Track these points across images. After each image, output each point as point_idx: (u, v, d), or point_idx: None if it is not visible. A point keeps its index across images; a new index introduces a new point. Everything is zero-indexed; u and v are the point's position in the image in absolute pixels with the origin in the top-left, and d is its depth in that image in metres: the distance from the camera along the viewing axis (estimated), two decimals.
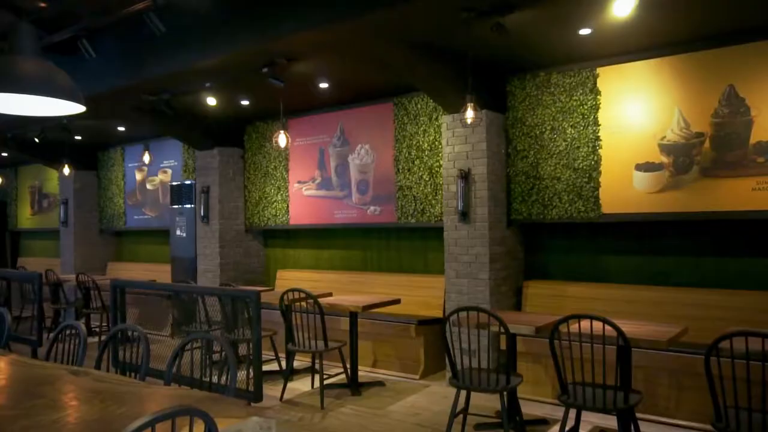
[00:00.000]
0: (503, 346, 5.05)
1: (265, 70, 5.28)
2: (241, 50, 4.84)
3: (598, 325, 3.46)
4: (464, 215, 5.61)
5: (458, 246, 5.69)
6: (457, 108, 5.62)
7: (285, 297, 5.35)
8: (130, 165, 9.80)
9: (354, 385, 5.57)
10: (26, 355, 4.49)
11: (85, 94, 3.24)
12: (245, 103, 6.85)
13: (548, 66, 5.53)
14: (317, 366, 6.09)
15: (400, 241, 6.97)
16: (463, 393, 4.30)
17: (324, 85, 6.08)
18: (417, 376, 6.05)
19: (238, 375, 3.72)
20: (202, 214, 7.85)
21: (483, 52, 5.13)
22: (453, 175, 5.71)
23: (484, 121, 5.53)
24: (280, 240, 8.14)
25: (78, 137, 9.18)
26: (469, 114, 4.75)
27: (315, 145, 7.36)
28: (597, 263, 5.66)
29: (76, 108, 3.10)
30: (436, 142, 6.26)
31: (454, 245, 5.71)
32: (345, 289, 7.05)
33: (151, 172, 9.42)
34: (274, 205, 7.73)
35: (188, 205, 8.18)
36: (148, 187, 9.48)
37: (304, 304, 5.32)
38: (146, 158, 7.03)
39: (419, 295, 6.56)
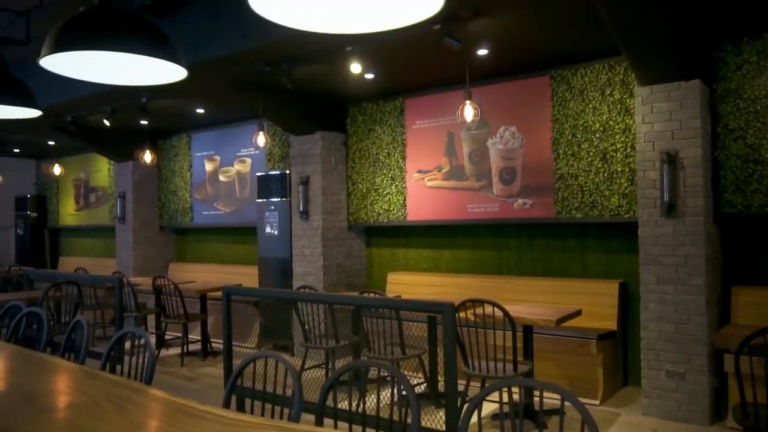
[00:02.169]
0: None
1: (437, 26, 4.24)
2: None
3: None
4: (671, 208, 4.59)
5: (659, 245, 4.66)
6: (658, 77, 4.61)
7: (462, 308, 4.35)
8: (197, 154, 8.76)
9: (533, 414, 4.58)
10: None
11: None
12: (356, 72, 5.53)
13: None
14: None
15: (548, 239, 5.95)
16: None
17: (482, 52, 5.04)
18: (597, 401, 5.03)
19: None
20: (300, 208, 6.82)
21: (693, 9, 4.14)
22: (652, 159, 4.69)
23: (697, 94, 4.51)
24: (387, 238, 7.11)
25: (143, 121, 8.14)
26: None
27: (441, 128, 6.33)
28: None
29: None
30: (611, 122, 5.23)
31: (654, 244, 4.69)
32: (479, 296, 6.04)
33: (225, 161, 8.38)
34: (386, 199, 6.69)
35: (280, 199, 7.14)
36: (222, 178, 8.43)
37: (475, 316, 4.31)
38: (261, 140, 5.93)
39: (578, 303, 5.52)
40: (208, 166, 8.60)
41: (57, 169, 8.86)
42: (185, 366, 6.68)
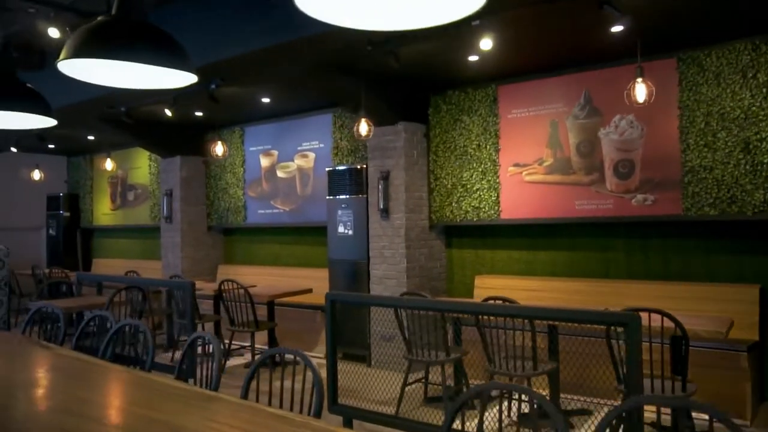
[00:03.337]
0: None
1: None
2: None
3: None
4: None
5: None
6: None
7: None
8: (251, 149, 8.20)
9: None
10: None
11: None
12: (486, 48, 4.77)
13: None
14: None
15: (664, 239, 5.39)
16: None
17: (618, 29, 4.48)
18: (747, 422, 4.48)
19: None
20: (380, 206, 6.26)
21: None
22: None
23: None
24: (470, 239, 6.55)
25: (199, 113, 7.59)
26: None
27: (542, 117, 5.77)
28: None
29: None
30: (755, 108, 4.67)
31: None
32: (585, 302, 5.50)
33: (284, 156, 7.82)
34: (476, 195, 6.13)
35: (354, 196, 6.58)
36: (280, 175, 7.87)
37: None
38: (363, 129, 5.30)
39: (704, 310, 4.97)
40: (264, 162, 8.04)
41: (109, 164, 8.29)
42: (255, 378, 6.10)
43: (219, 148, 6.88)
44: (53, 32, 4.72)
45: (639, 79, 4.06)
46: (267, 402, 2.73)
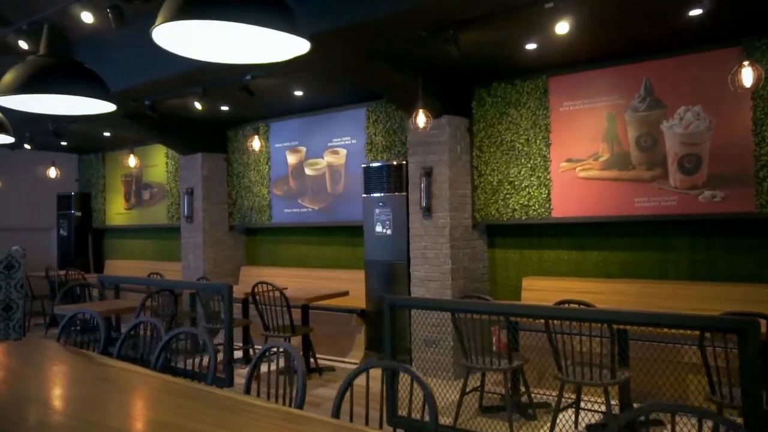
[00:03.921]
0: None
1: None
2: None
3: None
4: None
5: None
6: None
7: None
8: (277, 145, 7.87)
9: None
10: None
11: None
12: (562, 32, 4.38)
13: None
14: None
15: (734, 238, 5.08)
16: None
17: (696, 12, 4.17)
18: None
19: None
20: (423, 204, 5.94)
21: None
22: None
23: None
24: (514, 238, 6.24)
25: (225, 107, 7.27)
26: None
27: (598, 109, 5.47)
28: None
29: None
30: None
31: None
32: (641, 304, 5.20)
33: (313, 153, 7.49)
34: (524, 192, 5.82)
35: (393, 193, 6.26)
36: (308, 172, 7.54)
37: None
38: (422, 120, 4.93)
39: None
40: (291, 159, 7.71)
41: (132, 161, 7.94)
42: (292, 385, 5.78)
43: (256, 143, 6.56)
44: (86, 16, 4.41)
45: (746, 62, 3.75)
46: (332, 414, 2.40)
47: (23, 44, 5.03)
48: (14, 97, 2.69)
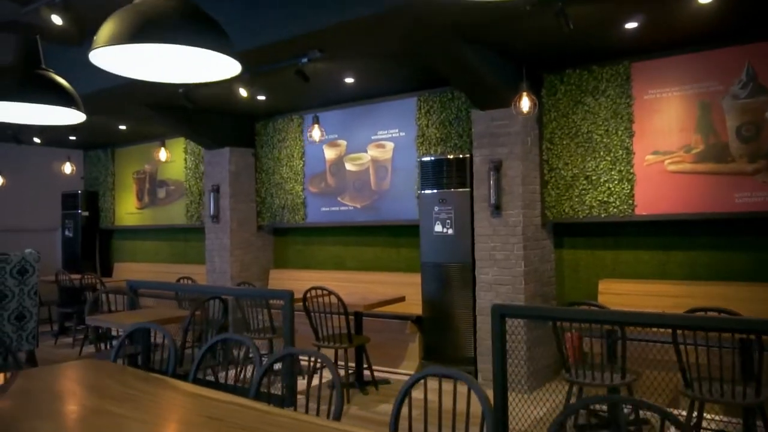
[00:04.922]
0: None
1: None
2: None
3: None
4: None
5: None
6: None
7: None
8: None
9: None
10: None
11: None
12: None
13: None
14: None
15: None
16: None
17: None
18: None
19: None
20: (492, 201, 5.44)
21: None
22: None
23: None
24: (586, 237, 5.77)
25: (262, 96, 6.69)
26: None
27: (689, 97, 5.02)
28: None
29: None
30: None
31: None
32: (735, 309, 4.77)
33: (354, 147, 6.95)
34: (603, 188, 5.36)
35: (452, 189, 5.76)
36: (349, 167, 7.00)
37: None
38: (526, 105, 4.42)
39: None
40: (329, 153, 7.16)
41: (163, 154, 7.30)
42: (351, 402, 5.26)
43: (316, 132, 5.98)
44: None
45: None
46: None
47: (56, 19, 4.44)
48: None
